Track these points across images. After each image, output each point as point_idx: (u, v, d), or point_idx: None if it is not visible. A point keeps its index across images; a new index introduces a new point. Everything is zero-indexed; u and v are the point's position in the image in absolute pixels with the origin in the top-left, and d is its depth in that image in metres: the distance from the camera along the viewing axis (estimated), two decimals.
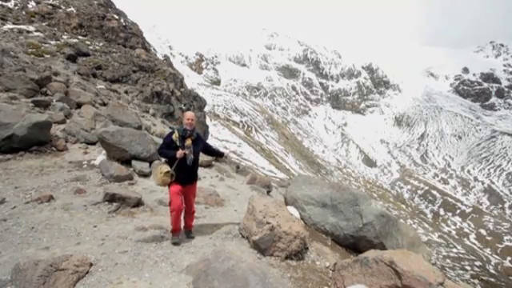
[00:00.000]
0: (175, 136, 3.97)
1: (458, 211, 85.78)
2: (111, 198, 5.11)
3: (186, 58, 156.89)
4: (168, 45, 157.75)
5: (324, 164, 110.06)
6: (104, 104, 12.99)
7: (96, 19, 25.03)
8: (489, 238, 70.62)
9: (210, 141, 48.23)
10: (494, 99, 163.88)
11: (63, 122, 9.32)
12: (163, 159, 4.19)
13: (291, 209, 4.80)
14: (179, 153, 3.88)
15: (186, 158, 3.97)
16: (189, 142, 4.00)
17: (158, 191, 6.16)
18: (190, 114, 4.14)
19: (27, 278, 2.76)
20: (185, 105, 24.70)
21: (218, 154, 4.66)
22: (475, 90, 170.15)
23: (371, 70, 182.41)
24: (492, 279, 46.63)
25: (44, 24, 22.02)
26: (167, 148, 4.01)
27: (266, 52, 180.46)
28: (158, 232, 4.15)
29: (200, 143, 4.23)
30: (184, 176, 4.02)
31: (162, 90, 21.73)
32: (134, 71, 21.47)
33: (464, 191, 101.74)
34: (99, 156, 7.28)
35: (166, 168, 3.87)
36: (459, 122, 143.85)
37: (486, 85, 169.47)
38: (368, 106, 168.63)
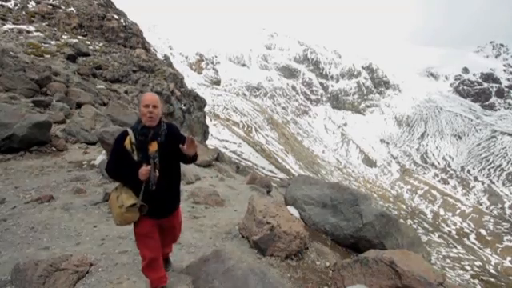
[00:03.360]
0: (128, 142, 2.30)
1: (458, 211, 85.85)
2: None
3: (186, 57, 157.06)
4: (168, 45, 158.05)
5: (324, 164, 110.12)
6: (104, 104, 13.01)
7: (96, 19, 25.04)
8: (489, 238, 70.66)
9: (210, 141, 48.07)
10: (493, 99, 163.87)
11: (63, 122, 9.34)
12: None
13: (291, 209, 4.79)
14: (143, 173, 2.26)
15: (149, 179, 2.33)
16: (153, 147, 2.33)
17: None
18: (149, 97, 2.36)
19: (27, 277, 2.76)
20: (185, 105, 24.71)
21: (190, 159, 2.50)
22: (475, 90, 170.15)
23: (371, 70, 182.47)
24: (492, 279, 46.62)
25: (44, 24, 22.03)
26: (120, 164, 2.32)
27: (266, 52, 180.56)
28: None
29: (173, 141, 2.39)
30: (157, 205, 2.41)
31: (161, 89, 21.76)
32: (134, 71, 21.50)
33: (464, 191, 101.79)
34: (99, 156, 7.28)
35: (130, 199, 2.30)
36: (459, 122, 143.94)
37: (485, 85, 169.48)
38: (368, 106, 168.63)
